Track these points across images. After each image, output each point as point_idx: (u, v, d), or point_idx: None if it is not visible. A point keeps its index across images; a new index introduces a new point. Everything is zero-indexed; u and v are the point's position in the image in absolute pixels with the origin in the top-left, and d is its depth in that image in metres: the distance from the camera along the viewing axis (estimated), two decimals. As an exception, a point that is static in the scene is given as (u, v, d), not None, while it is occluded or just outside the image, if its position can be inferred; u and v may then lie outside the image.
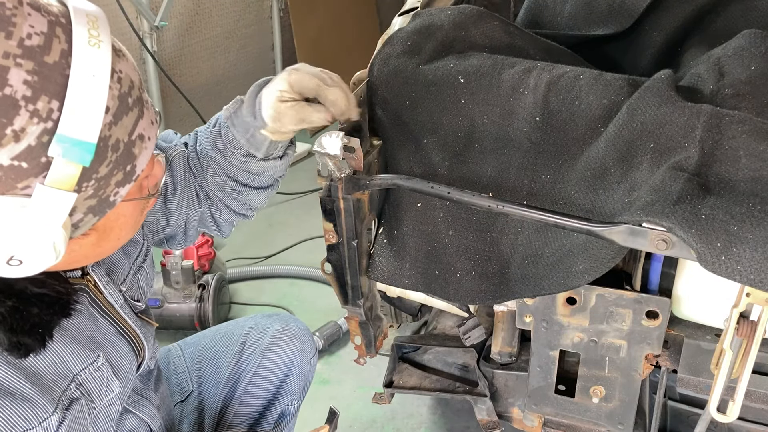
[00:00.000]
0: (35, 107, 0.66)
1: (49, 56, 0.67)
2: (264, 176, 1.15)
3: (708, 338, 1.16)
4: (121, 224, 0.84)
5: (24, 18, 0.67)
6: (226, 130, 1.11)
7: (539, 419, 1.37)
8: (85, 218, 0.76)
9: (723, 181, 0.94)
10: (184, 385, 1.32)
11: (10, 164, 0.66)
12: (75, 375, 0.89)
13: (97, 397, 0.93)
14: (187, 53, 3.40)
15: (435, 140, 1.22)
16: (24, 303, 0.80)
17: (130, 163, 0.77)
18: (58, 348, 0.87)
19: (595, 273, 1.05)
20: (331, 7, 4.14)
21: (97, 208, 0.76)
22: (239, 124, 1.09)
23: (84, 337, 0.92)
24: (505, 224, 1.19)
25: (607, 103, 1.08)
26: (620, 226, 0.95)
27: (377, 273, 1.28)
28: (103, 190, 0.74)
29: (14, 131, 0.66)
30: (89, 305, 0.95)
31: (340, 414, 1.24)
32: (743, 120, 0.97)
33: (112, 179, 0.75)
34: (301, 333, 1.36)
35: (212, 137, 1.13)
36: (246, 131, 1.08)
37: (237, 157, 1.11)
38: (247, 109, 1.07)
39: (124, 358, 1.00)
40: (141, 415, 1.08)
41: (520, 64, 1.17)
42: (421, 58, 1.21)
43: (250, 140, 1.09)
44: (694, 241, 0.88)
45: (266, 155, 1.11)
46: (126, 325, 1.01)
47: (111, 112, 0.72)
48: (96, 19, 0.72)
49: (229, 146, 1.11)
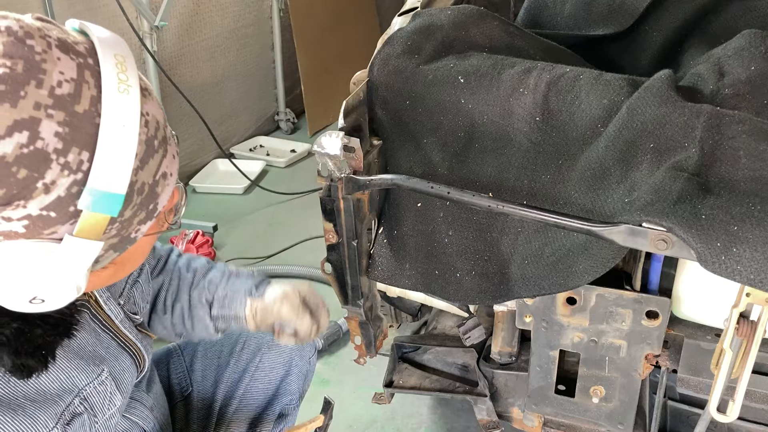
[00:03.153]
0: (66, 159, 0.66)
1: (79, 105, 0.66)
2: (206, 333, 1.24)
3: (708, 338, 1.15)
4: (137, 256, 0.85)
5: (54, 63, 0.65)
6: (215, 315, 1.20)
7: (539, 419, 1.37)
8: (106, 254, 0.76)
9: (723, 181, 0.94)
10: (183, 385, 1.32)
11: (39, 214, 0.66)
12: (80, 390, 0.89)
13: (100, 411, 0.94)
14: (187, 53, 3.40)
15: (435, 140, 1.22)
16: (28, 325, 0.80)
17: (152, 202, 0.76)
18: (63, 365, 0.87)
19: (595, 273, 1.05)
20: (331, 7, 4.14)
21: (118, 245, 0.76)
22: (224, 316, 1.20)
23: (87, 353, 0.92)
24: (505, 224, 1.19)
25: (607, 103, 1.08)
26: (620, 226, 0.95)
27: (377, 273, 1.28)
28: (126, 230, 0.75)
29: (45, 184, 0.65)
30: (90, 320, 0.95)
31: (335, 404, 1.27)
32: (743, 120, 0.97)
33: (135, 219, 0.75)
34: None
35: (199, 295, 1.21)
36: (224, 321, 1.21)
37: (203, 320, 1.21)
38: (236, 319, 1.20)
39: (126, 372, 1.01)
40: (132, 418, 1.09)
41: (520, 64, 1.17)
42: (421, 58, 1.21)
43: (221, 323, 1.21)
44: (694, 241, 0.88)
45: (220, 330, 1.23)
46: (127, 339, 1.02)
47: (138, 157, 0.71)
48: (123, 60, 0.71)
49: (198, 317, 1.21)
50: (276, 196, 3.35)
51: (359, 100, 1.20)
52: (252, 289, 1.18)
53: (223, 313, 1.19)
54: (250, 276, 1.23)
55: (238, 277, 1.22)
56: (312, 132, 4.07)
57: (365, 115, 1.23)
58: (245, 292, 1.18)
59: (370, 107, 1.24)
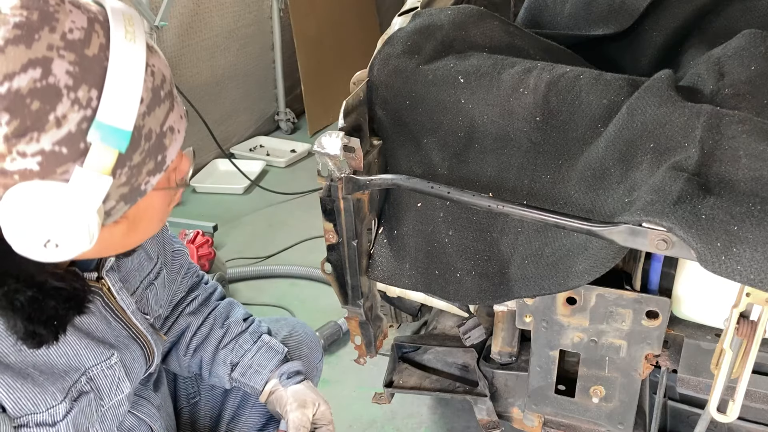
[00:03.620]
0: (76, 95, 0.70)
1: (89, 49, 0.71)
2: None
3: (708, 338, 1.15)
4: (150, 216, 0.86)
5: (66, 14, 0.71)
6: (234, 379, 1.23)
7: (539, 419, 1.37)
8: (117, 206, 0.78)
9: (723, 181, 0.94)
10: (190, 391, 1.31)
11: (51, 149, 0.70)
12: (87, 369, 0.92)
13: (107, 395, 0.95)
14: (187, 53, 3.40)
15: (435, 140, 1.22)
16: (42, 294, 0.82)
17: (161, 153, 0.80)
18: (72, 341, 0.90)
19: (595, 273, 1.05)
20: (331, 7, 4.14)
21: (129, 196, 0.79)
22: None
23: (98, 336, 0.94)
24: (505, 224, 1.19)
25: (607, 103, 1.08)
26: (620, 226, 0.95)
27: (377, 273, 1.28)
28: (135, 178, 0.78)
29: (56, 117, 0.70)
30: (102, 308, 0.97)
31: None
32: (743, 120, 0.97)
33: (144, 168, 0.78)
34: (308, 338, 1.35)
35: (225, 357, 1.22)
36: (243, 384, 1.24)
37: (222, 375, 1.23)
38: None
39: (136, 362, 1.02)
40: (140, 415, 1.09)
41: (520, 64, 1.17)
42: (421, 58, 1.21)
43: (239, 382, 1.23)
44: (694, 241, 0.88)
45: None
46: (137, 330, 1.03)
47: (145, 103, 0.76)
48: (131, 17, 0.77)
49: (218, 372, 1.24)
50: (276, 196, 3.35)
51: (359, 100, 1.20)
52: (283, 374, 1.20)
53: (242, 380, 1.21)
54: (280, 352, 1.23)
55: (269, 351, 1.22)
56: (312, 132, 4.06)
57: (365, 115, 1.23)
58: (271, 370, 1.20)
59: (370, 107, 1.24)
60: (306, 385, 1.19)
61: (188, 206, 3.33)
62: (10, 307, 0.79)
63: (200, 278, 1.31)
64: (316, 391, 1.20)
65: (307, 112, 4.01)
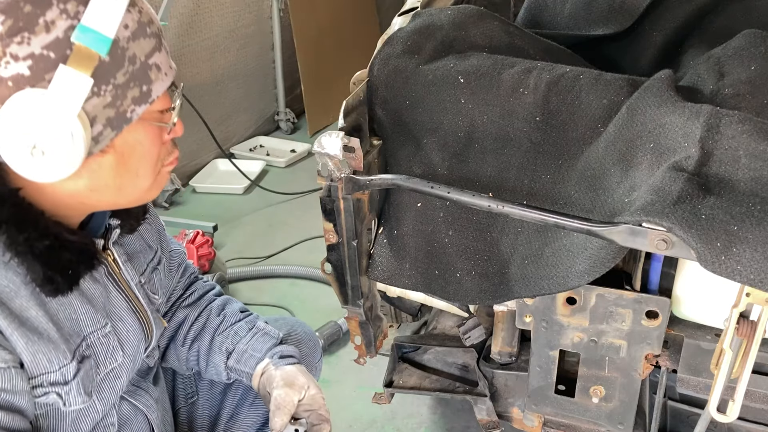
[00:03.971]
0: (65, 6, 0.78)
1: None
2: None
3: (708, 338, 1.15)
4: (138, 154, 0.90)
5: None
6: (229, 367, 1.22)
7: (539, 419, 1.37)
8: (104, 131, 0.83)
9: (723, 181, 0.94)
10: (188, 391, 1.32)
11: (40, 53, 0.77)
12: (85, 335, 0.94)
13: (102, 363, 0.98)
14: (187, 53, 3.40)
15: (435, 140, 1.22)
16: (58, 242, 0.87)
17: (146, 84, 0.86)
18: (76, 305, 0.93)
19: (595, 273, 1.05)
20: (331, 7, 4.13)
21: (114, 121, 0.84)
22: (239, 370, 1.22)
23: (98, 303, 0.97)
24: (505, 224, 1.19)
25: (607, 103, 1.09)
26: (620, 226, 0.95)
27: (377, 273, 1.28)
28: (120, 101, 0.83)
29: (46, 22, 0.77)
30: (105, 276, 1.00)
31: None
32: (743, 120, 0.97)
33: (129, 93, 0.84)
34: (307, 338, 1.35)
35: (221, 342, 1.23)
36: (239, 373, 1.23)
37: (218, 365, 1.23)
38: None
39: (131, 333, 1.04)
40: (137, 404, 1.10)
41: (520, 64, 1.17)
42: (421, 58, 1.21)
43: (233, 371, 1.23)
44: (694, 241, 0.88)
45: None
46: (137, 305, 1.06)
47: (130, 29, 0.83)
48: None
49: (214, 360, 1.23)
50: (276, 196, 3.35)
51: (359, 100, 1.20)
52: (276, 354, 1.19)
53: (237, 367, 1.21)
54: (276, 338, 1.23)
55: (264, 336, 1.22)
56: (312, 132, 4.06)
57: (365, 115, 1.23)
58: (266, 353, 1.19)
59: (370, 107, 1.24)
60: (298, 368, 1.17)
61: (188, 206, 3.33)
62: (30, 252, 0.84)
63: (197, 277, 1.33)
64: (308, 374, 1.18)
65: (307, 112, 4.01)
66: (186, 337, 1.24)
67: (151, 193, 0.96)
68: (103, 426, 1.02)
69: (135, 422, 1.09)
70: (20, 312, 0.85)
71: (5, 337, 0.84)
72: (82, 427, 0.98)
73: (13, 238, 0.83)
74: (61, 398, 0.91)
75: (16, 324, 0.84)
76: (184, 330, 1.24)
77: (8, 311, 0.84)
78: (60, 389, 0.90)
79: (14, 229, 0.83)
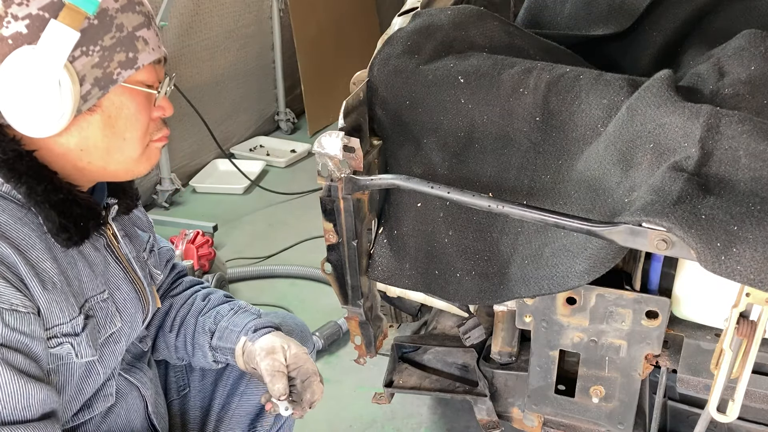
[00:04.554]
0: None
1: None
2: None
3: (708, 338, 1.15)
4: (125, 117, 0.96)
5: None
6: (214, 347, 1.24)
7: (539, 419, 1.37)
8: (92, 90, 0.90)
9: (723, 181, 0.94)
10: (180, 384, 1.32)
11: (37, 13, 0.86)
12: (88, 298, 0.99)
13: (102, 327, 1.01)
14: (187, 53, 3.40)
15: (435, 140, 1.22)
16: (71, 197, 0.94)
17: (132, 51, 0.93)
18: (81, 267, 0.98)
19: (595, 273, 1.05)
20: (331, 7, 4.14)
21: (102, 81, 0.91)
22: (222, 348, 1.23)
23: (97, 270, 1.02)
24: (505, 224, 1.19)
25: (607, 103, 1.08)
26: (620, 226, 0.95)
27: (377, 273, 1.28)
28: (107, 63, 0.91)
29: None
30: (104, 248, 1.05)
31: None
32: (743, 120, 0.97)
33: (116, 56, 0.91)
34: (298, 329, 1.35)
35: (203, 323, 1.25)
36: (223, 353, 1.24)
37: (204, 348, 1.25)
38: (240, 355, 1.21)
39: (128, 302, 1.08)
40: (132, 379, 1.13)
41: (520, 64, 1.17)
42: (421, 58, 1.21)
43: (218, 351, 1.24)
44: (694, 241, 0.88)
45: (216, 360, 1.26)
46: (134, 275, 1.10)
47: (119, 2, 0.91)
48: None
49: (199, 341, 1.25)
50: (276, 196, 3.35)
51: (359, 100, 1.20)
52: (250, 329, 1.20)
53: (220, 345, 1.22)
54: (256, 315, 1.25)
55: (244, 313, 1.25)
56: (312, 132, 4.07)
57: (365, 115, 1.23)
58: (243, 329, 1.21)
59: (370, 107, 1.24)
60: (274, 335, 1.19)
61: (188, 206, 3.34)
62: (47, 201, 0.91)
63: (185, 274, 1.37)
64: (284, 336, 1.20)
65: (307, 112, 4.01)
66: (173, 323, 1.27)
67: (140, 165, 1.02)
68: (103, 395, 1.06)
69: (130, 396, 1.12)
70: (36, 263, 0.90)
71: (25, 285, 0.88)
72: (86, 389, 1.02)
73: (32, 188, 0.90)
74: (74, 349, 0.95)
75: (33, 272, 0.89)
76: (171, 316, 1.28)
77: (27, 260, 0.88)
78: (72, 340, 0.95)
79: (34, 180, 0.90)
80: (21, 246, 0.88)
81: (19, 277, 0.87)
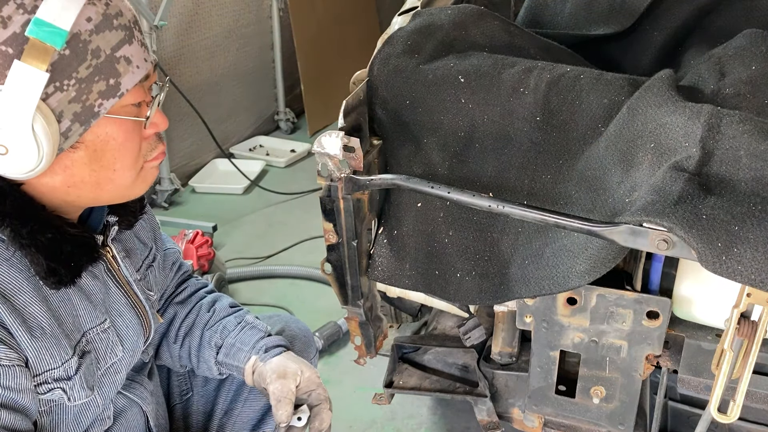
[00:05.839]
0: (22, 1, 0.78)
1: None
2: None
3: (709, 338, 1.15)
4: (113, 148, 0.88)
5: None
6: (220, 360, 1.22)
7: (540, 420, 1.37)
8: (72, 127, 0.82)
9: (724, 181, 0.94)
10: (183, 388, 1.32)
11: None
12: (85, 332, 0.95)
13: (102, 358, 0.99)
14: (187, 53, 3.40)
15: (435, 140, 1.21)
16: (61, 236, 0.88)
17: (113, 77, 0.84)
18: (76, 301, 0.93)
19: (595, 273, 1.04)
20: (331, 7, 4.13)
21: (82, 116, 0.83)
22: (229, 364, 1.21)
23: (97, 299, 0.97)
24: (506, 224, 1.19)
25: (608, 103, 1.08)
26: (621, 226, 0.94)
27: (377, 273, 1.28)
28: (85, 95, 0.82)
29: (2, 17, 0.77)
30: (104, 273, 1.00)
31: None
32: (744, 120, 0.97)
33: (94, 87, 0.82)
34: (301, 334, 1.35)
35: (210, 337, 1.22)
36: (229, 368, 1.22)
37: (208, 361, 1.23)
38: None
39: (130, 329, 1.04)
40: (132, 397, 1.12)
41: (521, 64, 1.17)
42: (421, 58, 1.21)
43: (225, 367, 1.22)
44: (695, 241, 0.88)
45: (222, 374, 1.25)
46: (136, 300, 1.06)
47: (93, 22, 0.81)
48: None
49: (205, 355, 1.23)
50: (276, 196, 3.35)
51: (359, 99, 1.20)
52: (261, 348, 1.19)
53: (227, 362, 1.21)
54: (264, 332, 1.23)
55: (252, 329, 1.23)
56: (312, 132, 4.06)
57: (365, 115, 1.23)
58: (252, 348, 1.19)
59: (370, 107, 1.24)
60: (286, 356, 1.17)
61: (188, 206, 3.33)
62: (33, 244, 0.85)
63: (190, 275, 1.34)
64: (298, 359, 1.18)
65: (307, 112, 4.01)
66: (177, 334, 1.25)
67: (135, 189, 0.95)
68: (100, 420, 1.03)
69: (130, 414, 1.11)
70: (23, 308, 0.85)
71: (11, 334, 0.84)
72: (83, 421, 0.99)
73: (17, 230, 0.84)
74: (66, 394, 0.92)
75: (20, 320, 0.84)
76: (176, 327, 1.25)
77: (12, 307, 0.84)
78: (64, 384, 0.91)
79: (18, 222, 0.84)
80: (7, 291, 0.84)
81: (3, 326, 0.83)
